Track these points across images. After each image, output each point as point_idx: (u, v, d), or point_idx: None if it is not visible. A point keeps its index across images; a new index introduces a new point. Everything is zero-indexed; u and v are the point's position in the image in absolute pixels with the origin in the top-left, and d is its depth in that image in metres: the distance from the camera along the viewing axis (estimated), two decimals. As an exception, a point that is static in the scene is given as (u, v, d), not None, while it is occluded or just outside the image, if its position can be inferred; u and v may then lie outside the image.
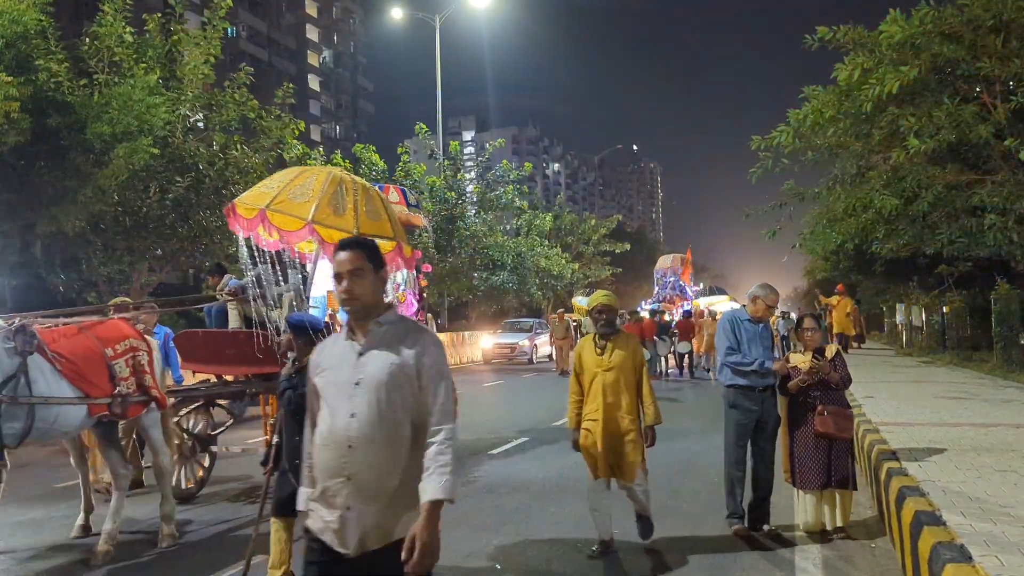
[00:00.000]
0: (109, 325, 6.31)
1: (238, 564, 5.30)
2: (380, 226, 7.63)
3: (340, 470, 2.71)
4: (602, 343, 5.69)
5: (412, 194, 10.25)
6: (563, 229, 45.27)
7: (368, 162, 28.23)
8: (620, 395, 5.58)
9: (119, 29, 16.16)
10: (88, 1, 25.11)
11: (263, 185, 7.71)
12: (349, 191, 7.52)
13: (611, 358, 5.63)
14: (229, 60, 19.51)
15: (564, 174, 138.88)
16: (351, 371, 2.78)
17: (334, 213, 7.30)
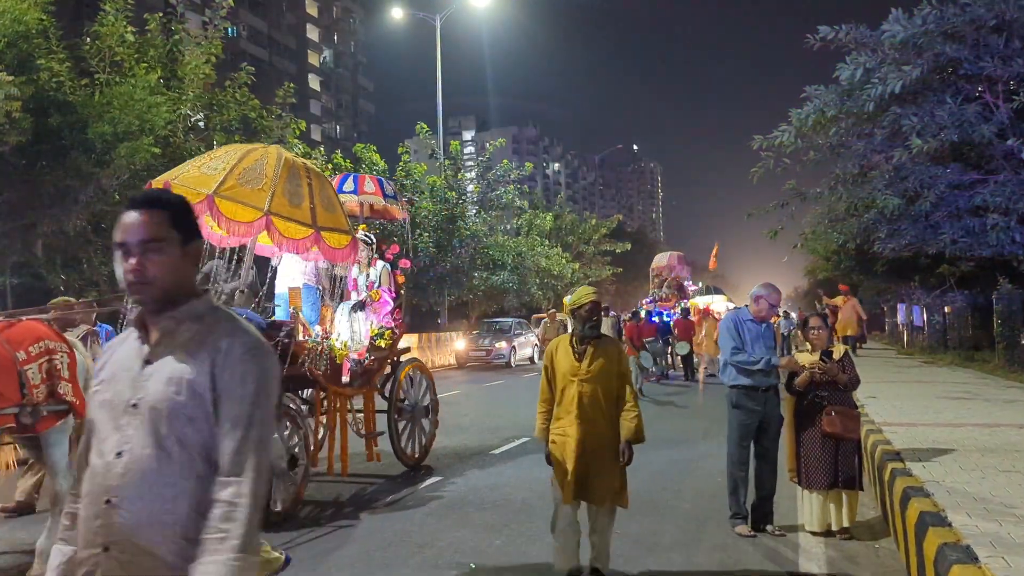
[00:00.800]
0: (22, 327, 5.59)
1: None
2: (335, 218, 7.06)
3: (93, 538, 1.84)
4: (582, 347, 4.86)
5: (389, 184, 9.65)
6: (563, 229, 45.25)
7: (369, 162, 28.21)
8: (598, 409, 4.76)
9: (120, 29, 16.17)
10: (89, 1, 25.11)
11: (203, 165, 6.70)
12: (302, 177, 6.88)
13: (591, 366, 4.80)
14: (230, 60, 19.49)
15: (564, 174, 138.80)
16: (129, 387, 1.91)
17: (290, 203, 6.67)
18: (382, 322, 8.55)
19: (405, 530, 6.36)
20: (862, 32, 11.94)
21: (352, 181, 9.29)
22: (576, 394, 4.77)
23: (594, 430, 4.76)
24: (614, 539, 5.90)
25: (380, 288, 8.53)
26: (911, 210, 13.53)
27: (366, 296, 8.49)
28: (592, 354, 4.82)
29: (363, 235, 8.47)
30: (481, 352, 26.63)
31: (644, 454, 9.47)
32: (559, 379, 4.89)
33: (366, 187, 9.14)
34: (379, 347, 8.42)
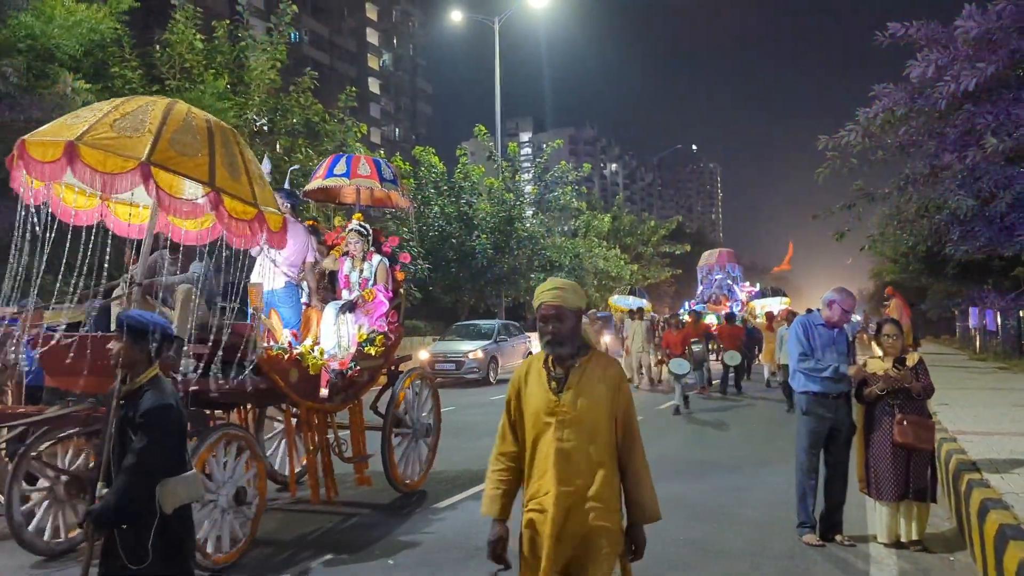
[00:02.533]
0: None
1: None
2: (237, 186, 5.35)
3: None
4: (559, 373, 3.17)
5: (388, 167, 8.23)
6: (622, 230, 44.99)
7: (427, 164, 28.49)
8: (589, 466, 3.09)
9: (190, 36, 16.64)
10: (159, 9, 25.88)
11: (68, 117, 5.35)
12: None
13: (574, 401, 3.11)
14: (293, 64, 19.91)
15: (622, 174, 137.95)
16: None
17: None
18: (374, 325, 7.53)
19: (466, 532, 6.38)
20: (933, 28, 11.56)
21: (344, 163, 8.02)
22: (553, 444, 3.08)
23: (582, 503, 3.06)
24: (675, 545, 5.85)
25: (375, 286, 7.53)
26: (985, 211, 13.03)
27: (358, 295, 7.48)
28: (578, 382, 3.13)
29: (358, 225, 7.64)
30: (449, 364, 20.53)
31: (700, 470, 9.37)
32: (528, 421, 3.18)
33: (360, 169, 7.90)
34: (368, 355, 7.29)
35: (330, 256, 8.09)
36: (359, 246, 7.59)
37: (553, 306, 3.17)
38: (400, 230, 26.22)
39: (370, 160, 8.10)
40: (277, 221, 5.59)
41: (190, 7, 16.99)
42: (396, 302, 7.85)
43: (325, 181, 7.93)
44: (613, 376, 3.20)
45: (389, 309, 7.69)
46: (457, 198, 28.32)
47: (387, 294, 7.65)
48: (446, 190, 28.46)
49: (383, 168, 8.05)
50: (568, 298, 3.19)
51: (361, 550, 5.98)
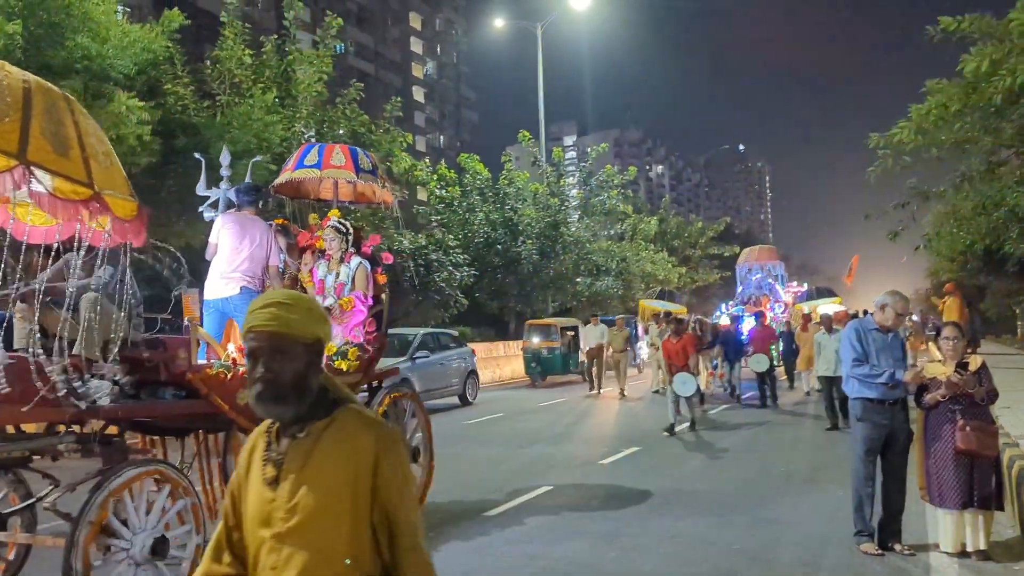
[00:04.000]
0: None
1: None
2: (112, 176, 4.46)
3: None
4: (278, 451, 1.99)
5: (367, 157, 7.22)
6: (669, 233, 44.66)
7: (472, 171, 28.64)
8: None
9: (239, 52, 16.99)
10: (208, 26, 26.50)
11: None
12: (63, 109, 4.31)
13: (291, 497, 1.91)
14: (338, 75, 20.20)
15: (668, 176, 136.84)
16: None
17: (54, 149, 4.13)
18: (348, 336, 6.61)
19: (517, 540, 6.39)
20: (987, 21, 11.27)
21: (316, 153, 7.05)
22: (272, 563, 1.91)
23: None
24: (727, 554, 5.77)
25: (353, 293, 6.66)
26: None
27: (332, 302, 6.64)
28: (302, 466, 1.93)
29: (336, 222, 6.81)
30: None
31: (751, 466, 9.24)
32: (247, 536, 2.01)
33: (333, 159, 6.94)
34: (339, 370, 6.27)
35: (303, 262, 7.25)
36: (336, 245, 6.77)
37: (266, 333, 1.92)
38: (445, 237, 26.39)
39: (346, 149, 7.13)
40: (127, 208, 4.48)
41: (238, 23, 17.35)
42: (376, 309, 6.89)
43: (294, 174, 7.04)
44: (366, 448, 1.90)
45: (367, 318, 6.73)
46: (502, 204, 28.40)
47: (366, 301, 6.73)
48: (491, 196, 28.56)
49: (360, 158, 7.08)
50: (294, 321, 1.93)
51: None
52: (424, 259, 24.12)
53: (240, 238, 6.57)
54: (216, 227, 6.70)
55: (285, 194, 7.60)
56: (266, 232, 6.67)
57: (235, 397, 5.31)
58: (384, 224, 22.05)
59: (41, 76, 11.76)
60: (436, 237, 26.67)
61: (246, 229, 6.60)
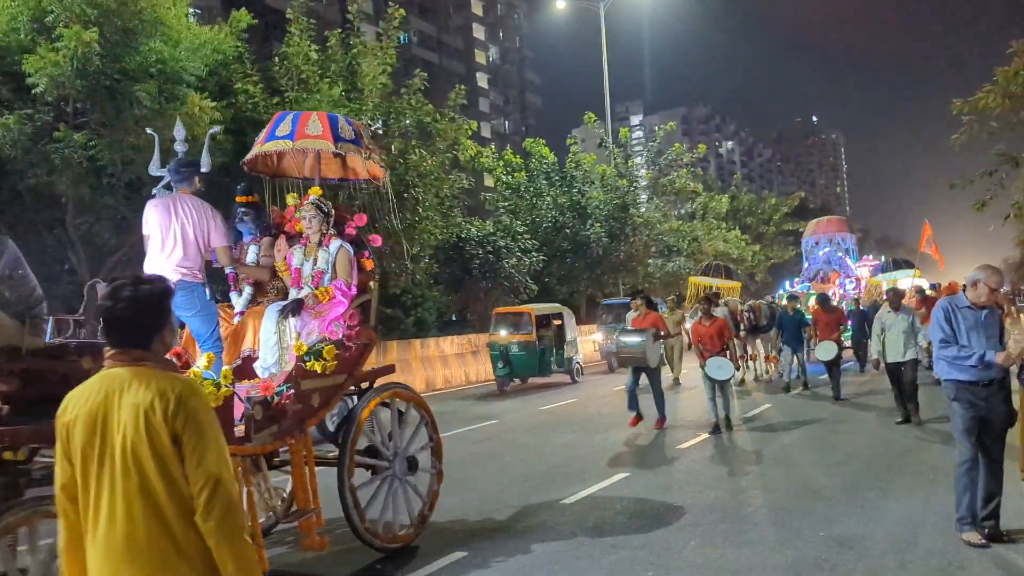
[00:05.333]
0: None
1: None
2: None
3: None
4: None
5: (349, 124, 6.15)
6: (741, 210, 43.76)
7: (538, 156, 28.51)
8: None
9: (305, 48, 17.23)
10: (275, 23, 26.99)
11: None
12: None
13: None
14: (402, 66, 20.31)
15: (738, 152, 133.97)
16: None
17: None
18: (325, 331, 5.62)
19: (596, 528, 6.33)
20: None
21: (290, 122, 6.03)
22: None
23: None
24: (814, 543, 5.59)
25: (333, 282, 5.71)
26: None
27: (308, 293, 5.68)
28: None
29: (316, 200, 5.87)
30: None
31: (844, 442, 8.93)
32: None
33: (309, 128, 5.93)
34: (312, 372, 5.34)
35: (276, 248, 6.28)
36: (315, 226, 5.79)
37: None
38: (512, 223, 26.34)
39: (324, 116, 6.09)
40: None
41: (304, 20, 17.59)
42: (362, 299, 5.93)
43: (264, 146, 6.02)
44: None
45: (348, 310, 5.75)
46: (569, 188, 28.21)
47: (348, 291, 5.76)
48: (558, 180, 28.40)
49: (340, 125, 6.02)
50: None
51: (495, 543, 6.01)
52: (492, 246, 24.16)
53: (168, 224, 5.47)
54: (144, 217, 5.56)
55: (262, 172, 6.56)
56: (200, 210, 5.54)
57: None
58: (452, 213, 22.18)
59: (117, 81, 12.13)
60: (503, 223, 26.67)
61: (175, 212, 5.51)
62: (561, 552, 5.79)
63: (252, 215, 6.08)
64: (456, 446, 9.96)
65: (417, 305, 21.98)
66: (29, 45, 11.55)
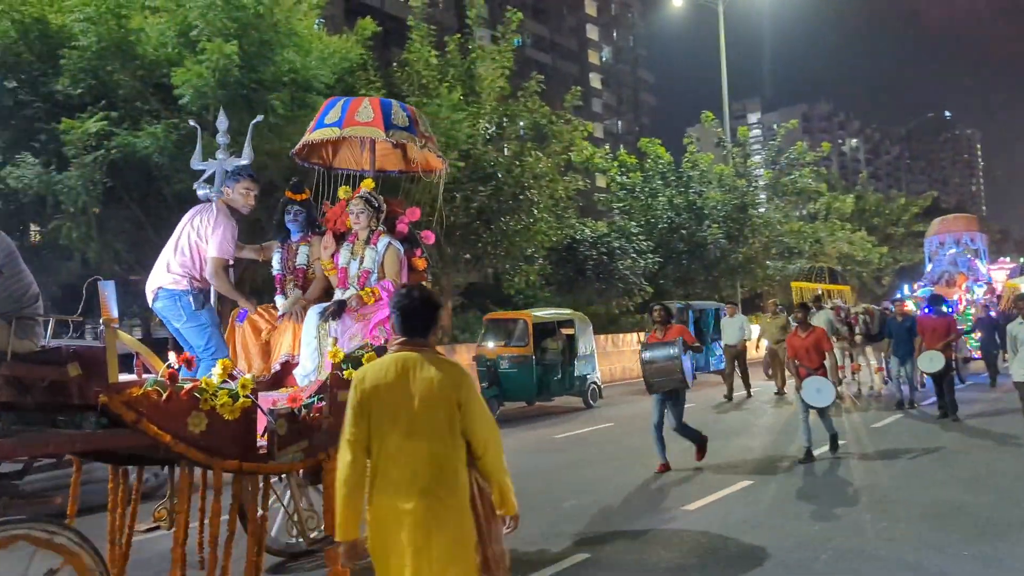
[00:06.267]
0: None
1: None
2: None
3: None
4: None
5: (404, 110, 5.63)
6: (867, 210, 41.85)
7: (654, 155, 28.17)
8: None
9: (426, 54, 17.65)
10: (395, 30, 27.75)
11: None
12: None
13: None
14: (516, 68, 20.46)
15: (863, 150, 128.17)
16: None
17: None
18: (368, 337, 5.12)
19: (718, 535, 6.21)
20: None
21: (340, 109, 5.62)
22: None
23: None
24: (959, 560, 5.29)
25: (380, 282, 5.21)
26: None
27: (352, 295, 5.20)
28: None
29: (366, 193, 5.43)
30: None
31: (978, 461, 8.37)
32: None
33: (359, 115, 5.49)
34: (344, 381, 4.52)
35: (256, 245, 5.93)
36: (363, 221, 5.34)
37: None
38: (627, 224, 26.06)
39: (376, 102, 5.62)
40: None
41: (424, 26, 18.01)
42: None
43: (312, 135, 5.69)
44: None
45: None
46: (686, 188, 27.75)
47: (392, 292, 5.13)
48: (674, 181, 27.98)
49: (393, 111, 5.52)
50: None
51: (618, 547, 5.98)
52: (606, 247, 24.04)
53: (179, 230, 5.22)
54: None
55: (316, 164, 6.20)
56: (210, 216, 5.16)
57: (183, 423, 3.93)
58: (566, 214, 22.21)
59: (254, 90, 12.71)
60: (618, 224, 26.49)
61: (191, 218, 5.26)
62: (684, 560, 5.72)
63: (304, 213, 5.66)
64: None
65: (528, 306, 22.15)
66: (176, 59, 12.30)
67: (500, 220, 18.87)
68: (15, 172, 12.01)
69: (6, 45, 12.41)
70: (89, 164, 11.96)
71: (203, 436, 3.98)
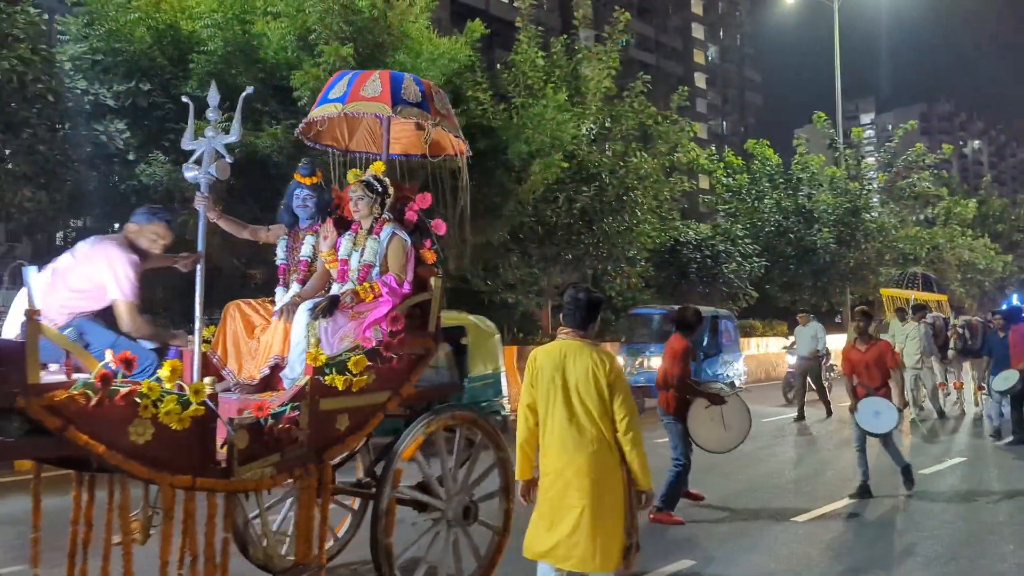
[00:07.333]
0: None
1: None
2: None
3: None
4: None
5: (417, 84, 4.95)
6: (991, 216, 39.66)
7: (761, 157, 27.49)
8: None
9: (532, 55, 17.78)
10: (500, 32, 28.04)
11: None
12: None
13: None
14: (621, 68, 20.31)
15: (987, 152, 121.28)
16: None
17: None
18: (359, 338, 4.50)
19: (826, 549, 6.02)
20: None
21: (346, 83, 4.98)
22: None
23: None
24: None
25: (382, 277, 4.66)
26: None
27: (348, 290, 4.64)
28: None
29: (371, 177, 4.85)
30: None
31: None
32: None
33: (364, 89, 4.84)
34: (331, 388, 4.13)
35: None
36: (364, 208, 4.77)
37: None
38: (732, 227, 25.49)
39: (387, 75, 4.93)
40: None
41: (532, 27, 18.14)
42: (418, 299, 4.76)
43: (314, 112, 5.08)
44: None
45: (394, 311, 4.57)
46: (795, 190, 26.95)
47: (399, 288, 4.65)
48: (782, 183, 27.23)
49: (405, 84, 4.86)
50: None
51: (723, 553, 5.89)
52: (710, 250, 23.61)
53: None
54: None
55: (331, 146, 5.59)
56: (112, 257, 4.18)
57: (122, 432, 3.37)
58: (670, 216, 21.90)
59: (367, 93, 13.01)
60: (723, 227, 25.98)
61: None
62: (791, 570, 5.58)
63: (314, 198, 5.03)
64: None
65: (628, 307, 21.99)
66: (295, 62, 12.79)
67: (603, 221, 18.81)
68: (147, 170, 12.75)
69: (142, 50, 13.18)
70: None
71: (148, 447, 3.42)
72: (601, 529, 3.68)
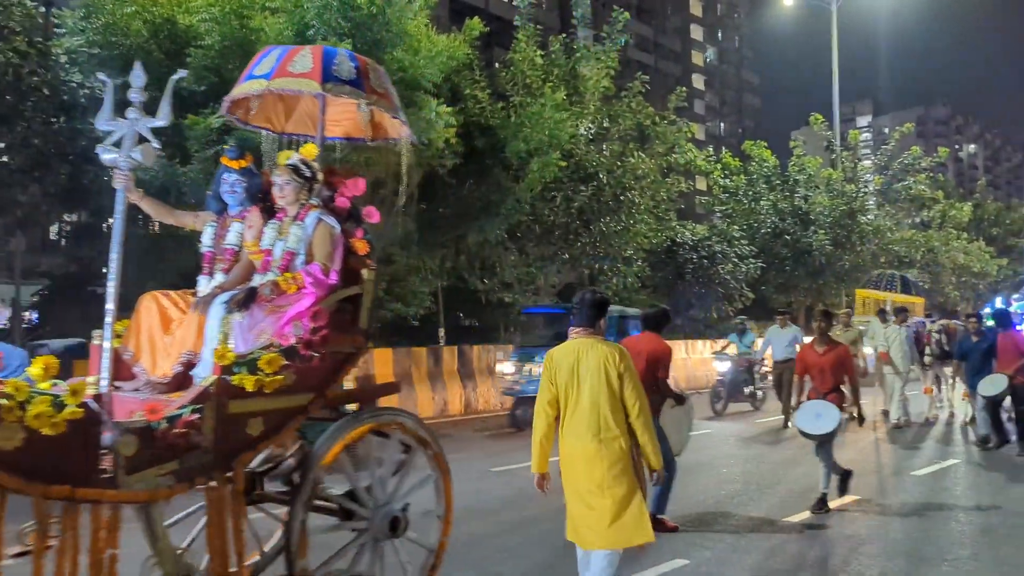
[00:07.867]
0: None
1: None
2: None
3: None
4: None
5: (351, 59, 4.51)
6: (986, 220, 39.80)
7: (759, 158, 27.52)
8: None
9: (531, 54, 17.77)
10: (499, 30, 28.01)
11: None
12: None
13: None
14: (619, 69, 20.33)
15: (982, 156, 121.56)
16: None
17: None
18: (276, 335, 4.09)
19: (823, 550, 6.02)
20: None
21: (274, 58, 4.52)
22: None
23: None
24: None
25: (306, 267, 4.25)
26: None
27: (268, 282, 4.23)
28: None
29: (298, 160, 4.42)
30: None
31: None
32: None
33: (292, 64, 4.41)
34: (238, 390, 3.74)
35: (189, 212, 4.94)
36: (291, 194, 4.36)
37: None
38: (728, 228, 25.47)
39: (319, 51, 4.48)
40: None
41: (531, 26, 18.13)
42: (346, 292, 4.37)
43: (237, 89, 4.63)
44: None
45: (317, 305, 4.16)
46: (791, 192, 27.00)
47: (325, 279, 4.24)
48: (779, 184, 27.27)
49: (337, 60, 4.43)
50: None
51: (717, 554, 5.88)
52: (707, 250, 23.63)
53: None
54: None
55: (262, 126, 5.10)
56: None
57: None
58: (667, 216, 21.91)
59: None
60: (719, 228, 26.01)
61: None
62: (786, 570, 5.57)
63: (244, 183, 4.57)
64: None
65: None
66: (293, 58, 12.76)
67: (600, 220, 18.83)
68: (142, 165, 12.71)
69: (138, 44, 13.11)
70: (210, 158, 12.53)
71: (17, 454, 3.02)
72: (628, 505, 4.05)
